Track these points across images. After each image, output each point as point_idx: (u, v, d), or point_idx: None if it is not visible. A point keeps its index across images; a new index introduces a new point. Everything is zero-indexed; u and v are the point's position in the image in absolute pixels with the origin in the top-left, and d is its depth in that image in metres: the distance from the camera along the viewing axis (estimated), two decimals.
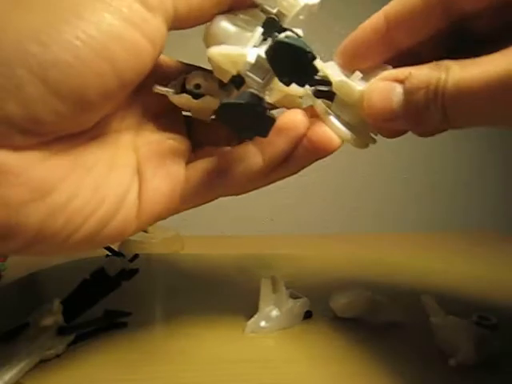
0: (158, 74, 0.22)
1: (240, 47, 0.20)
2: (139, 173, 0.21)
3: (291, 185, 0.64)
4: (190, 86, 0.22)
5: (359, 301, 0.30)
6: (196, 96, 0.22)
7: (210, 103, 0.22)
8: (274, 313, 0.29)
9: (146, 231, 0.48)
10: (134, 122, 0.23)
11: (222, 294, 0.35)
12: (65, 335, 0.26)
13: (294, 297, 0.30)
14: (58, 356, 0.25)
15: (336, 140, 0.21)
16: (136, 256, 0.35)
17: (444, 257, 0.44)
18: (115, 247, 0.37)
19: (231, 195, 0.24)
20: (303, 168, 0.23)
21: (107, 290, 0.31)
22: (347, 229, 0.66)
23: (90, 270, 0.32)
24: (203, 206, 0.24)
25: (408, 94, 0.19)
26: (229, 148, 0.23)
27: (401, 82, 0.19)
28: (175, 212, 0.23)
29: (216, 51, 0.20)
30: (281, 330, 0.29)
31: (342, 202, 0.67)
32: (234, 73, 0.20)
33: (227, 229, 0.62)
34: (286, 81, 0.20)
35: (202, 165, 0.22)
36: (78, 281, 0.31)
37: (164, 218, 0.23)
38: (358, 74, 0.21)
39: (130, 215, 0.21)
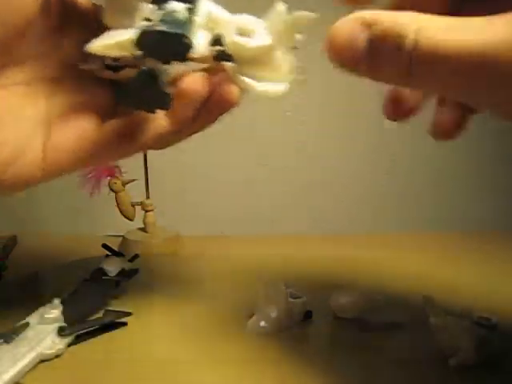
0: (74, 15, 0.22)
1: (125, 30, 0.21)
2: (46, 124, 0.22)
3: (291, 185, 0.64)
4: (108, 61, 0.22)
5: (359, 301, 0.30)
6: (117, 68, 0.23)
7: (130, 73, 0.23)
8: (274, 313, 0.29)
9: (146, 231, 0.48)
10: (54, 72, 0.23)
11: (222, 293, 0.35)
12: (65, 335, 0.26)
13: (293, 297, 0.30)
14: (57, 356, 0.25)
15: (235, 94, 0.23)
16: (136, 256, 0.35)
17: (444, 257, 0.44)
18: (115, 247, 0.37)
19: (148, 149, 0.26)
20: (212, 123, 0.25)
21: (107, 290, 0.31)
22: (347, 229, 0.66)
23: (89, 269, 0.32)
24: (203, 205, 0.24)
25: (372, 41, 0.18)
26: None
27: (368, 25, 0.18)
28: (85, 165, 0.24)
29: (96, 46, 0.20)
30: (281, 329, 0.29)
31: (343, 202, 0.67)
32: (129, 55, 0.21)
33: (227, 229, 0.62)
34: (164, 62, 0.21)
35: (112, 124, 0.23)
36: (78, 281, 0.31)
37: (73, 171, 0.24)
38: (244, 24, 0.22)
39: (33, 164, 0.22)
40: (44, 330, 0.26)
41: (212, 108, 0.24)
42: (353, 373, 0.25)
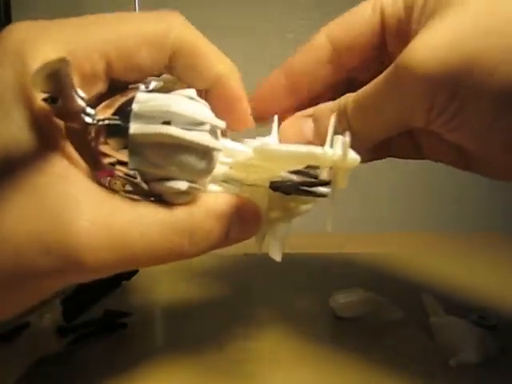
0: None
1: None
2: None
3: None
4: None
5: (359, 301, 0.30)
6: None
7: None
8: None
9: None
10: None
11: (222, 293, 0.35)
12: (65, 335, 0.26)
13: None
14: (57, 356, 0.25)
15: None
16: None
17: (445, 257, 0.44)
18: None
19: None
20: None
21: (107, 290, 0.31)
22: (347, 229, 0.66)
23: None
24: None
25: (316, 120, 0.22)
26: None
27: (310, 116, 0.23)
28: None
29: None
30: (280, 330, 0.29)
31: (343, 202, 0.67)
32: None
33: None
34: None
35: None
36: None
37: None
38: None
39: None
40: (44, 329, 0.26)
41: None
42: (353, 373, 0.25)
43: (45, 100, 0.15)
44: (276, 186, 0.21)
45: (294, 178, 0.20)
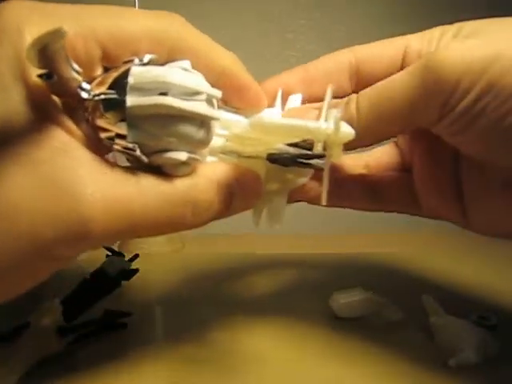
0: None
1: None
2: None
3: None
4: None
5: (359, 301, 0.30)
6: None
7: None
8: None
9: None
10: None
11: (223, 293, 0.35)
12: (65, 335, 0.26)
13: None
14: (58, 356, 0.25)
15: None
16: (136, 256, 0.35)
17: (445, 257, 0.44)
18: (115, 247, 0.37)
19: None
20: None
21: (107, 290, 0.31)
22: (348, 228, 0.66)
23: (89, 269, 0.32)
24: None
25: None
26: None
27: (317, 108, 0.22)
28: None
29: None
30: (279, 330, 0.29)
31: None
32: None
33: (228, 228, 0.62)
34: None
35: None
36: (78, 281, 0.31)
37: None
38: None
39: None
40: (44, 329, 0.26)
41: None
42: (353, 373, 0.25)
43: (40, 76, 0.15)
44: (273, 158, 0.20)
45: (291, 150, 0.20)
